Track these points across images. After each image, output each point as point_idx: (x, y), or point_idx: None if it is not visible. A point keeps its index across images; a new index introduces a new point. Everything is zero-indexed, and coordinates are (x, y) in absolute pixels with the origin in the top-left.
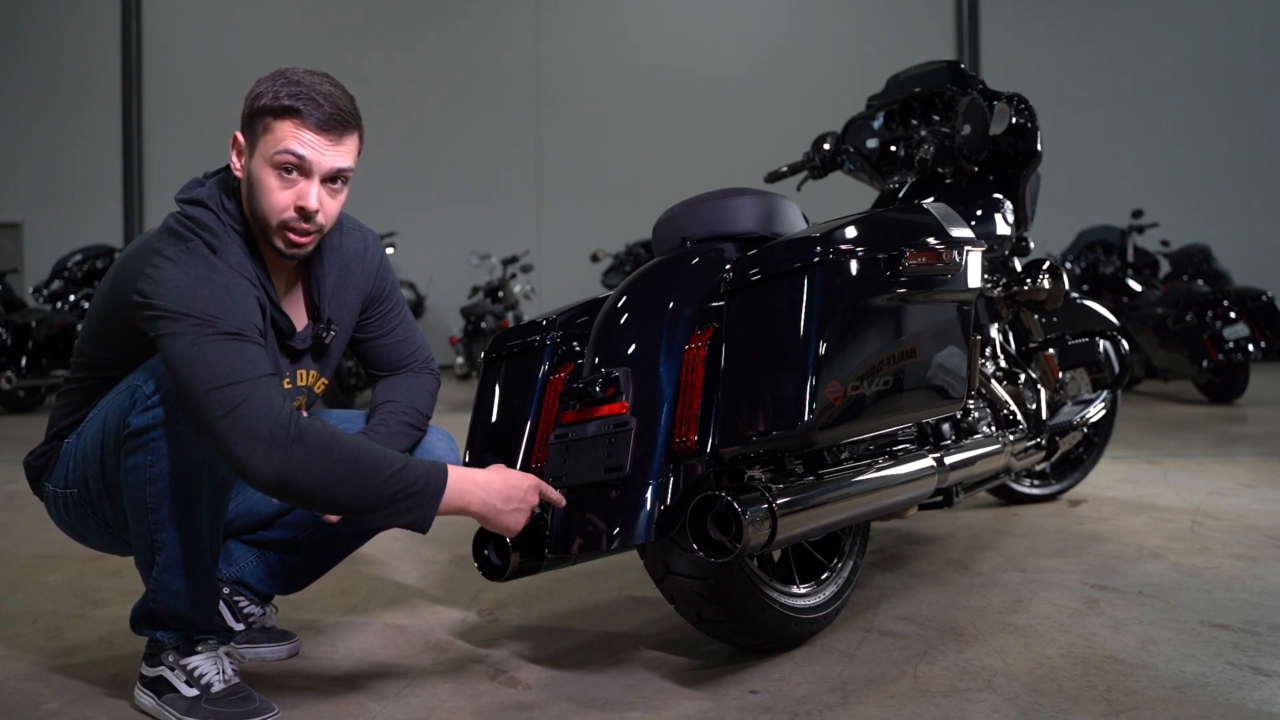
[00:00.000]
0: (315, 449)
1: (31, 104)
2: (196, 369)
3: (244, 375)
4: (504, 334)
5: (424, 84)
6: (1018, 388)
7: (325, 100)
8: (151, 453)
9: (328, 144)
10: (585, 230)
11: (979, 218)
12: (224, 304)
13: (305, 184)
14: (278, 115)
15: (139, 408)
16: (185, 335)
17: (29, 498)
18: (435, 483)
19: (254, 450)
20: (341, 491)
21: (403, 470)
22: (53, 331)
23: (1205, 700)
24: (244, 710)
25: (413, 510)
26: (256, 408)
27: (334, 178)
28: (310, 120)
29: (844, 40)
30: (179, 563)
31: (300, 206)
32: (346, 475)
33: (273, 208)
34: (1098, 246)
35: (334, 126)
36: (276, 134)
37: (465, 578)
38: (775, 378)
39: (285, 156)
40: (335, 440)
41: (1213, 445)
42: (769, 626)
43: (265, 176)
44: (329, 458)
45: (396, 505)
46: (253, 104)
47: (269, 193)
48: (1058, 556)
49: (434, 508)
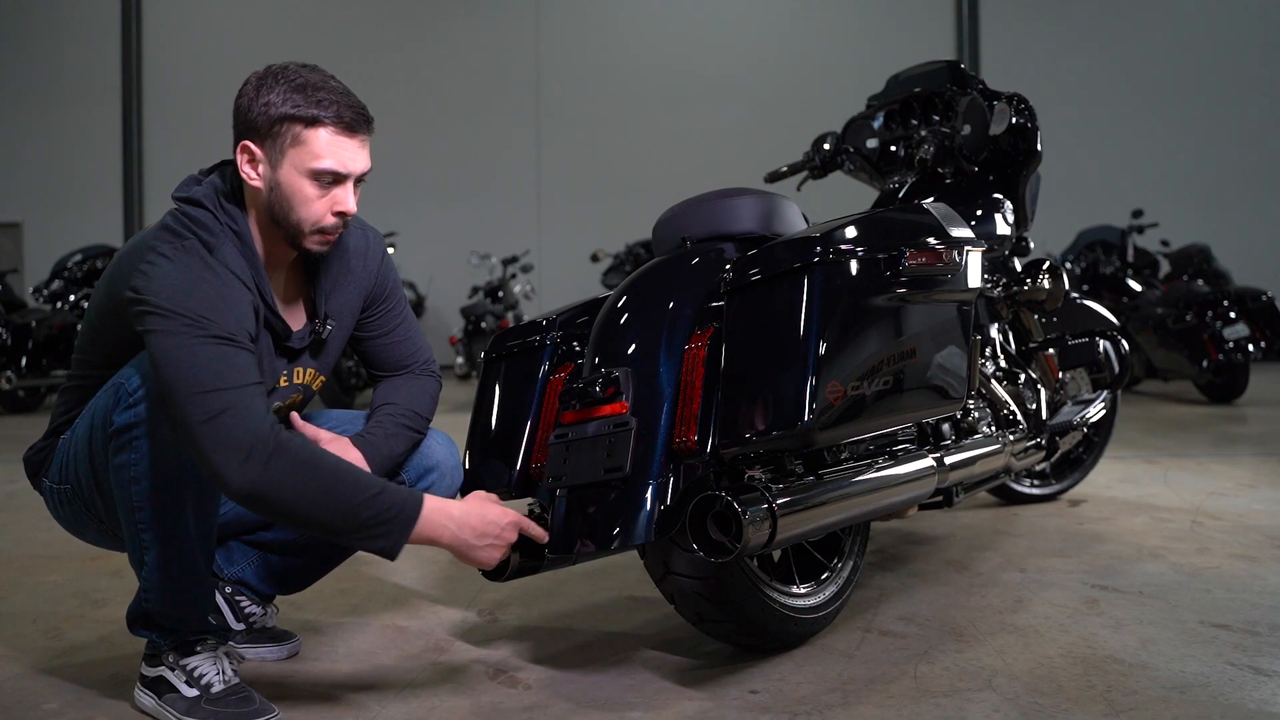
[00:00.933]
0: (292, 466)
1: (31, 104)
2: (181, 370)
3: (229, 383)
4: (504, 334)
5: (424, 84)
6: (1018, 388)
7: (345, 101)
8: (135, 451)
9: (359, 146)
10: (585, 230)
11: (979, 218)
12: (217, 306)
13: (341, 190)
14: (308, 124)
15: (122, 405)
16: (174, 334)
17: (29, 498)
18: (409, 512)
19: (230, 461)
20: (313, 511)
21: (378, 496)
22: (53, 331)
23: (1205, 700)
24: (244, 710)
25: (383, 537)
26: (238, 417)
27: (360, 177)
28: (340, 125)
29: (844, 40)
30: (168, 561)
31: (340, 211)
32: (320, 496)
33: (310, 216)
34: (1098, 246)
35: (360, 127)
36: (312, 146)
37: (465, 578)
38: (775, 378)
39: (328, 166)
40: (313, 459)
41: (1213, 445)
42: (769, 626)
43: (302, 186)
44: (305, 477)
45: (367, 531)
46: (267, 112)
47: (307, 202)
48: (1058, 556)
49: (404, 537)
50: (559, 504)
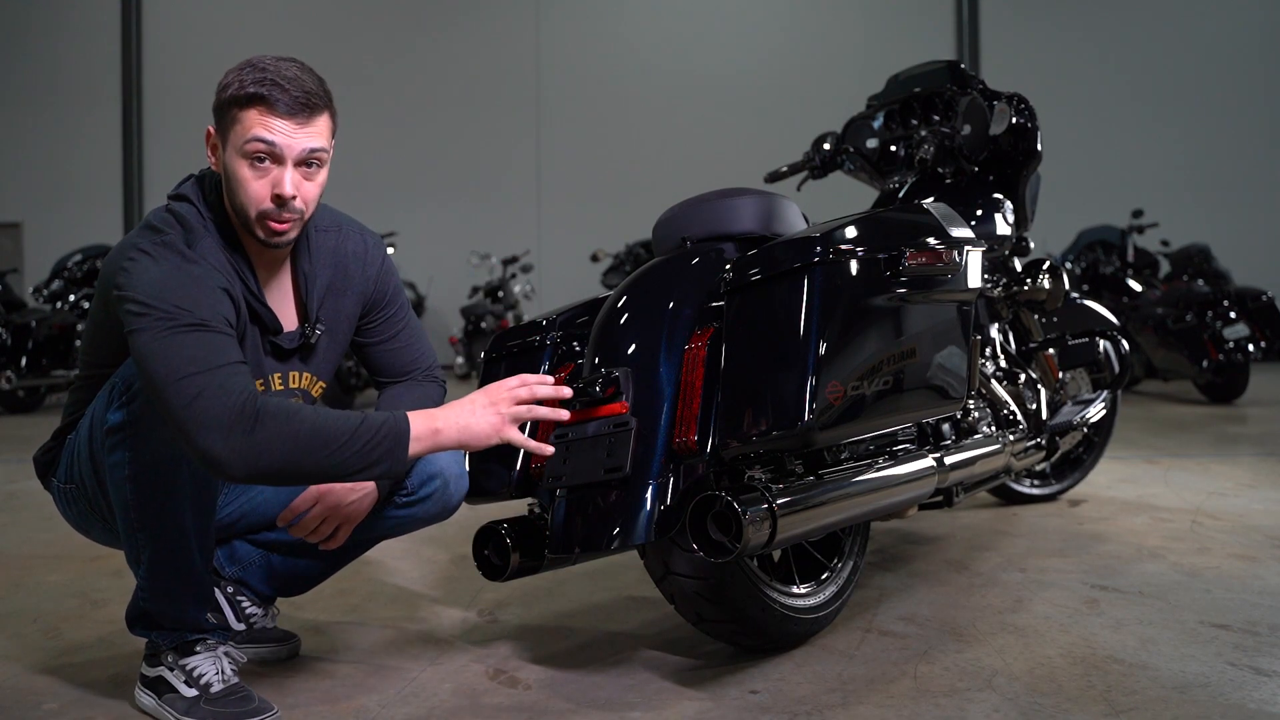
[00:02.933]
0: (275, 429)
1: (31, 104)
2: (158, 364)
3: (204, 365)
4: (504, 334)
5: (424, 84)
6: (1018, 388)
7: (290, 84)
8: (129, 449)
9: (296, 127)
10: (585, 230)
11: (979, 218)
12: (192, 295)
13: (279, 171)
14: (244, 105)
15: (115, 404)
16: (150, 329)
17: (29, 497)
18: (398, 427)
19: (214, 439)
20: (308, 464)
21: (361, 426)
22: (53, 331)
23: (1205, 700)
24: (243, 710)
25: (383, 462)
26: (214, 397)
27: (307, 161)
28: (277, 106)
29: (844, 40)
30: (165, 560)
31: (277, 194)
32: (310, 448)
33: (250, 199)
34: (1098, 246)
35: (300, 109)
36: (244, 124)
37: (465, 578)
38: (775, 378)
39: (255, 145)
40: (292, 413)
41: (1213, 445)
42: (769, 626)
43: (239, 168)
44: (290, 435)
45: (366, 461)
46: (220, 95)
47: (244, 184)
48: (1058, 556)
49: (404, 452)
50: (559, 504)
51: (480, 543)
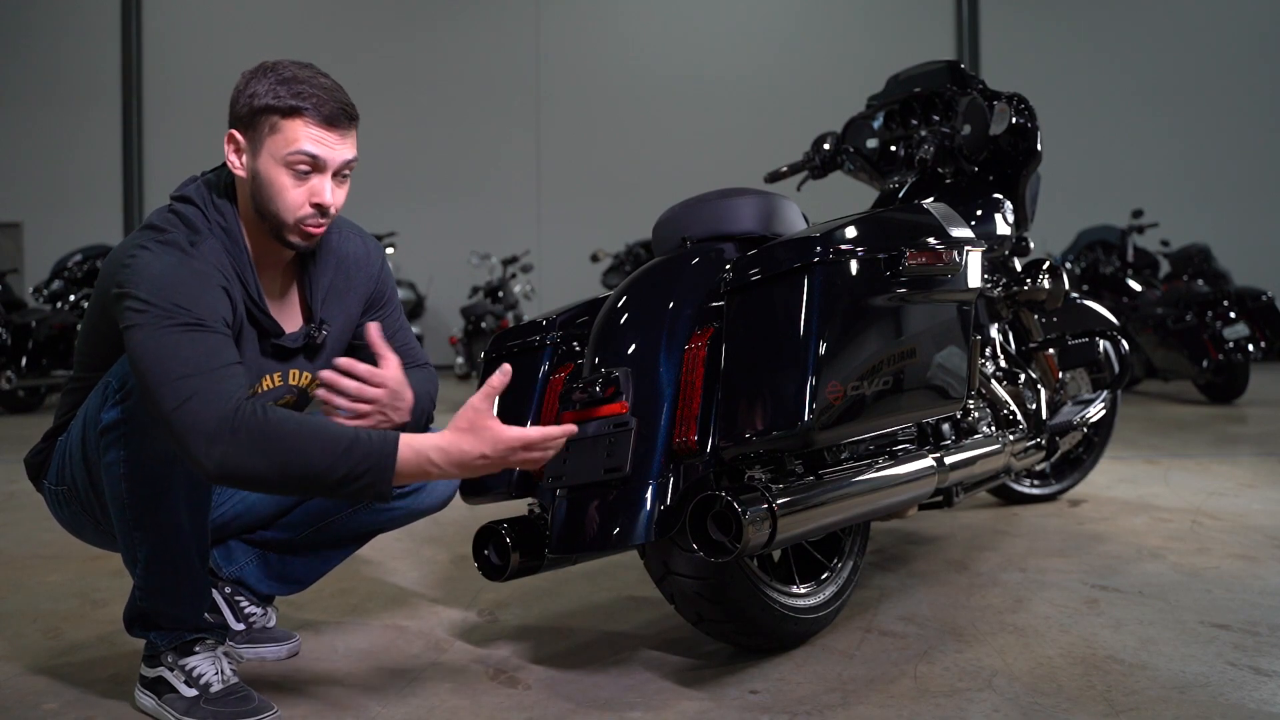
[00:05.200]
0: (254, 440)
1: (31, 104)
2: (152, 363)
3: (198, 368)
4: (504, 334)
5: (424, 83)
6: (1018, 388)
7: (328, 95)
8: (123, 448)
9: (338, 139)
10: (585, 230)
11: (979, 218)
12: (190, 294)
13: (319, 180)
14: (285, 114)
15: (108, 403)
16: (147, 326)
17: (29, 498)
18: (385, 456)
19: (198, 444)
20: (286, 480)
21: (349, 449)
22: (53, 331)
23: (1205, 700)
24: (243, 710)
25: (367, 488)
26: (204, 400)
27: (342, 170)
28: (318, 117)
29: (844, 40)
30: (161, 560)
31: (317, 203)
32: (289, 464)
33: (288, 206)
34: (1098, 246)
35: (340, 121)
36: (287, 134)
37: (465, 578)
38: (775, 378)
39: (299, 157)
40: (275, 428)
41: (1213, 445)
42: (769, 626)
43: (278, 176)
44: (268, 447)
45: (349, 485)
46: (251, 103)
47: (283, 191)
48: (1058, 556)
49: (388, 481)
50: (559, 504)
51: (480, 543)
